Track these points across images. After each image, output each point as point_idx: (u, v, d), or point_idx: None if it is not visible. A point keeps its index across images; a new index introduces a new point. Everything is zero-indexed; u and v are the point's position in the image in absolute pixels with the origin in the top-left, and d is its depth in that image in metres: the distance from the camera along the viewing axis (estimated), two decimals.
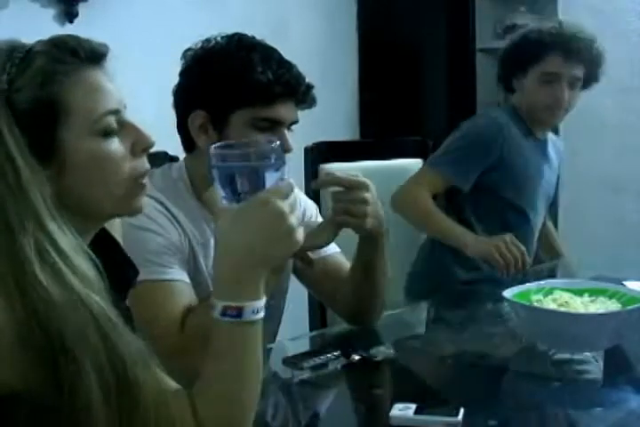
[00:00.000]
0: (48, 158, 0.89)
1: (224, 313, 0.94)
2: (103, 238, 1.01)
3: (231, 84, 1.43)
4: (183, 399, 0.92)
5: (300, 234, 0.96)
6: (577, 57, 2.12)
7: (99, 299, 0.86)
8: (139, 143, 0.96)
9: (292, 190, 0.97)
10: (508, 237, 1.99)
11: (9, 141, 0.86)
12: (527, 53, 2.16)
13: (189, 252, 1.49)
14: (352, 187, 1.44)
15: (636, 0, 3.15)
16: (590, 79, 2.20)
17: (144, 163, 0.97)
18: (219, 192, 0.99)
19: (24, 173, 0.86)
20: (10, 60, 0.89)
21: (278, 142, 1.00)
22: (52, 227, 0.86)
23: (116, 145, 0.94)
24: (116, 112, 0.94)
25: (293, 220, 0.95)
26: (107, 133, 0.93)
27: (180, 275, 1.43)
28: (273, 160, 0.97)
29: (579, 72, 2.14)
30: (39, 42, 0.92)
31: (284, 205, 0.94)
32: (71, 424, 0.84)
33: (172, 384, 0.94)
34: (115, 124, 0.94)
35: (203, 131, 1.47)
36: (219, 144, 0.99)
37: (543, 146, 2.29)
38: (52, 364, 0.82)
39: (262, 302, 0.96)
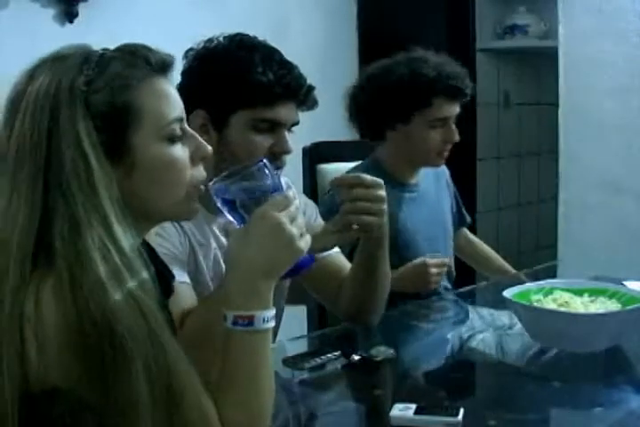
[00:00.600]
0: (117, 160, 0.91)
1: (235, 322, 0.96)
2: (143, 246, 1.02)
3: (232, 84, 1.43)
4: (210, 404, 0.94)
5: (303, 242, 0.99)
6: (460, 95, 2.02)
7: (150, 301, 0.88)
8: (198, 151, 1.00)
9: (290, 202, 0.99)
10: (425, 261, 1.88)
11: (84, 141, 0.88)
12: (411, 101, 1.99)
13: (190, 252, 1.49)
14: (370, 185, 1.44)
15: (636, 0, 3.15)
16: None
17: (201, 171, 1.01)
18: (230, 220, 1.03)
19: (96, 173, 0.88)
20: (87, 62, 0.91)
21: (265, 160, 1.03)
22: (116, 227, 0.88)
23: (180, 151, 0.97)
24: (181, 120, 0.97)
25: (293, 229, 0.97)
26: (172, 139, 0.96)
27: (179, 275, 1.42)
28: (268, 179, 1.01)
29: (459, 108, 2.04)
30: (106, 49, 0.96)
31: (282, 216, 0.97)
32: (112, 423, 0.85)
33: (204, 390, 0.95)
34: (179, 131, 0.97)
35: (203, 131, 1.47)
36: (216, 179, 1.02)
37: (415, 191, 2.12)
38: (99, 360, 0.83)
39: (272, 311, 0.98)
